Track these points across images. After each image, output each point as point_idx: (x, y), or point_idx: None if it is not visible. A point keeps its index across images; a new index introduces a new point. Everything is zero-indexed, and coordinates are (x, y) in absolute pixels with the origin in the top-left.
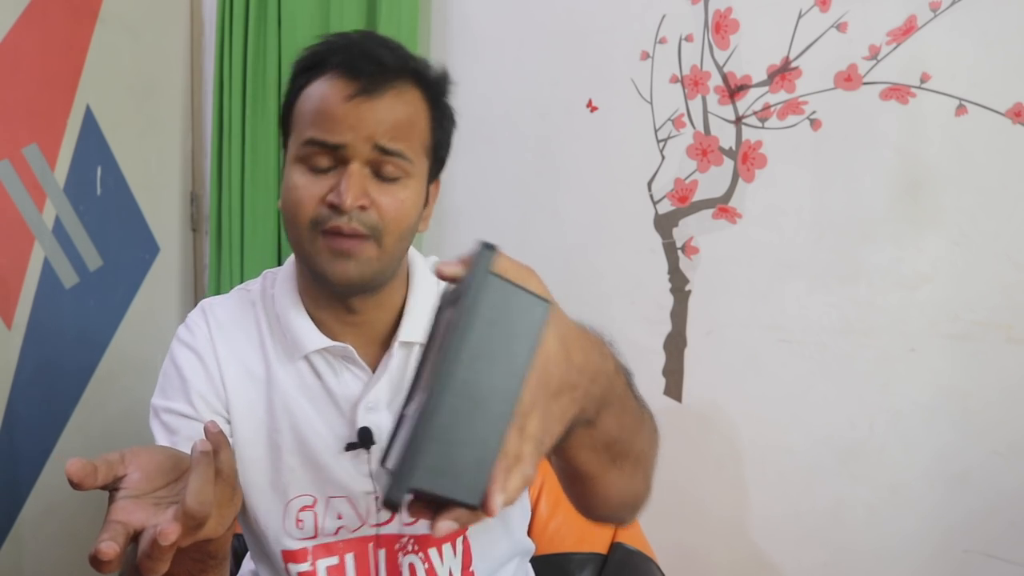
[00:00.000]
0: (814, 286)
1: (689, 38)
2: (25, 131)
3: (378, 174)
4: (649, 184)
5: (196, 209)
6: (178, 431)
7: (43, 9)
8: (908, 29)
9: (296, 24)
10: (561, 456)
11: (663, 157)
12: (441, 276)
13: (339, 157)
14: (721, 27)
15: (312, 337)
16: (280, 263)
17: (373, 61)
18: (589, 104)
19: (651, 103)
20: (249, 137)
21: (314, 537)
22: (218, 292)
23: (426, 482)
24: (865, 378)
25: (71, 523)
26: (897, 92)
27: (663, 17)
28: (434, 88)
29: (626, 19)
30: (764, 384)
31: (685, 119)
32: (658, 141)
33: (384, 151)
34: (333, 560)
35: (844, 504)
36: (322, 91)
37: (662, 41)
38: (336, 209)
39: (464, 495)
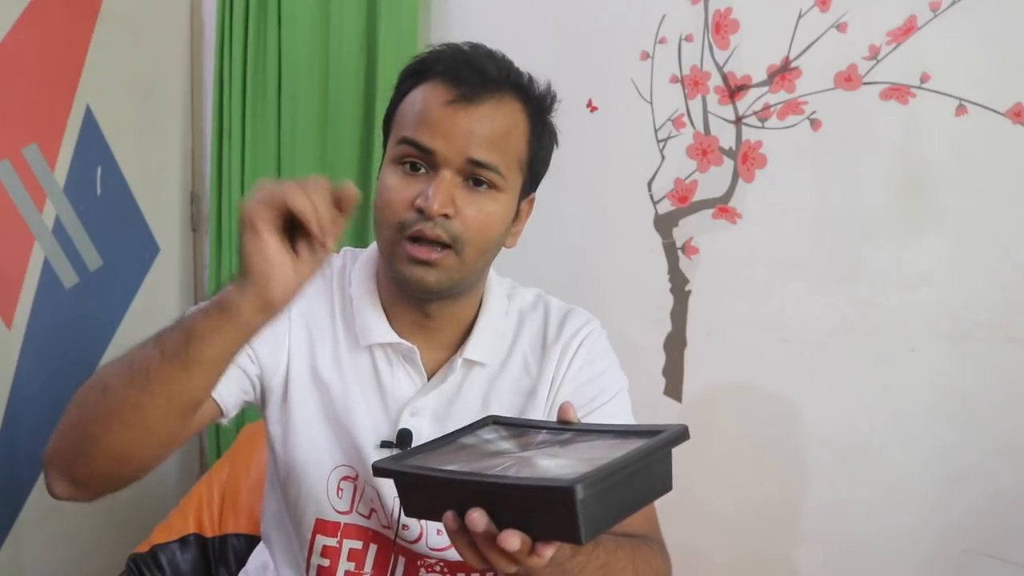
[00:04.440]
0: (814, 286)
1: (689, 38)
2: (25, 131)
3: (469, 184)
4: (649, 184)
5: (196, 209)
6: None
7: (43, 9)
8: (908, 29)
9: (296, 24)
10: None
11: (663, 157)
12: None
13: (432, 162)
14: (721, 27)
15: (381, 330)
16: None
17: (476, 70)
18: (589, 104)
19: (651, 103)
20: (249, 137)
21: (349, 512)
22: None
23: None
24: (865, 378)
25: (71, 523)
26: (897, 92)
27: (663, 17)
28: (536, 102)
29: (626, 19)
30: (764, 384)
31: (685, 119)
32: (658, 141)
33: (476, 163)
34: (358, 544)
35: (844, 504)
36: (423, 95)
37: (662, 41)
38: (422, 213)
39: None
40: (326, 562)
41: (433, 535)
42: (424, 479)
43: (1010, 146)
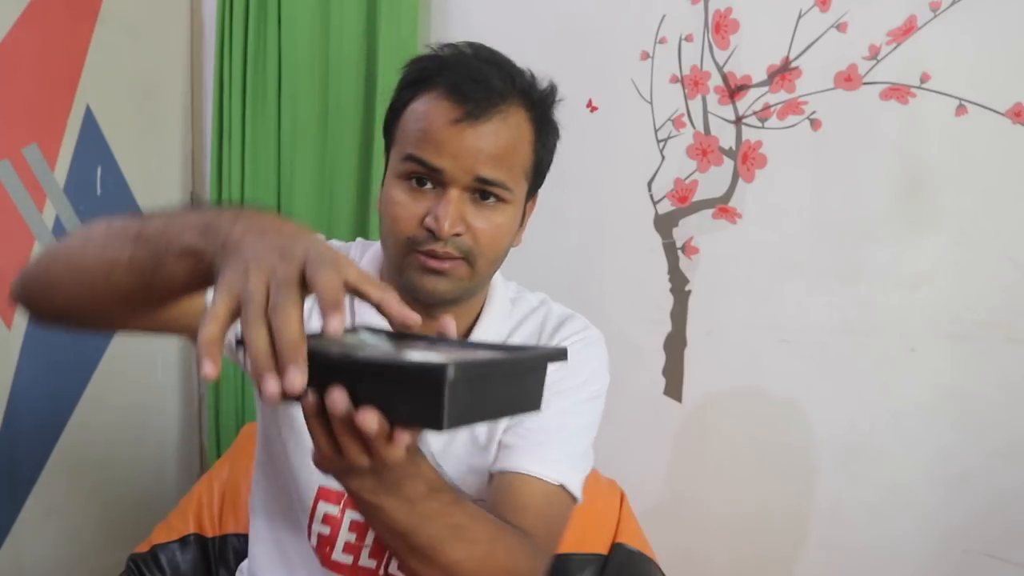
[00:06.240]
0: (814, 286)
1: (689, 38)
2: (25, 131)
3: (476, 198)
4: (649, 184)
5: None
6: None
7: (43, 9)
8: (908, 29)
9: (296, 24)
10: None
11: (663, 157)
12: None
13: (439, 179)
14: (721, 27)
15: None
16: None
17: (481, 83)
18: (589, 104)
19: (651, 103)
20: (249, 137)
21: None
22: None
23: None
24: (865, 378)
25: (71, 523)
26: (897, 92)
27: (663, 17)
28: (540, 107)
29: (626, 19)
30: (764, 384)
31: (685, 119)
32: (658, 141)
33: (484, 180)
34: (359, 516)
35: (844, 504)
36: (426, 110)
37: (662, 41)
38: (432, 233)
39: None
40: (327, 530)
41: None
42: None
43: (1010, 146)
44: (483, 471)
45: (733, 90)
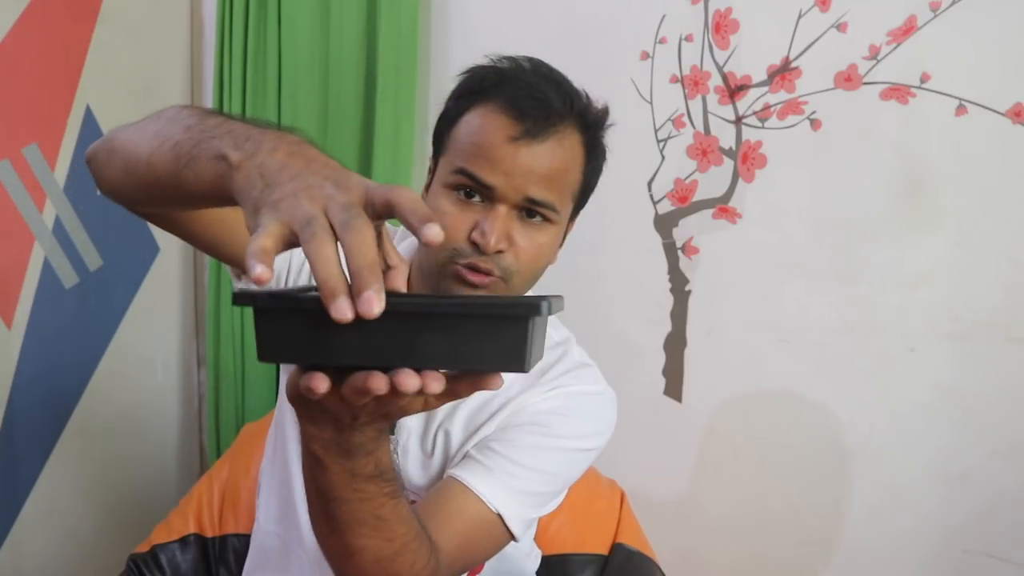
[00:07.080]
0: (814, 286)
1: (689, 38)
2: (25, 131)
3: (523, 215)
4: (649, 184)
5: None
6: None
7: (43, 9)
8: (908, 29)
9: (296, 24)
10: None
11: (663, 157)
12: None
13: (488, 195)
14: (721, 27)
15: None
16: None
17: (540, 102)
18: None
19: (651, 103)
20: None
21: None
22: (218, 293)
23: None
24: (865, 378)
25: (71, 523)
26: (897, 92)
27: (663, 17)
28: (593, 129)
29: (626, 19)
30: (764, 384)
31: (685, 119)
32: (658, 141)
33: (533, 201)
34: None
35: (844, 504)
36: (482, 124)
37: (662, 41)
38: (476, 247)
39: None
40: None
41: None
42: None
43: (1010, 146)
44: None
45: (733, 90)
